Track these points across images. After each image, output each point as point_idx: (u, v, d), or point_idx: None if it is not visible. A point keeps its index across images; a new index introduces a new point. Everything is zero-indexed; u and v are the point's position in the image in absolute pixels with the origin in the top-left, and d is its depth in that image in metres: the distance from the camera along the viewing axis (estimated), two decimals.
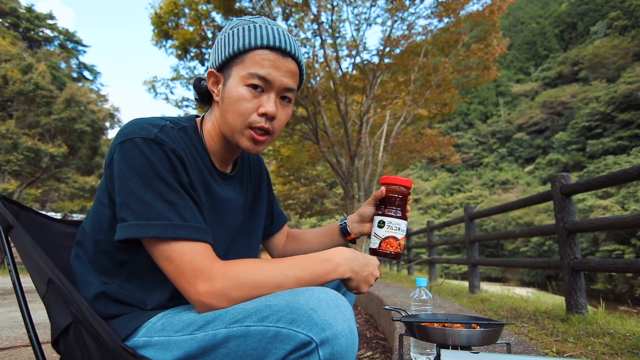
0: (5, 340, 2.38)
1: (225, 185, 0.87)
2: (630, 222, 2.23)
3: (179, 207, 0.69)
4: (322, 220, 43.53)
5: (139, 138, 0.70)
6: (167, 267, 0.68)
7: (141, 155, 0.69)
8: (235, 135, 0.80)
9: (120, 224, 0.69)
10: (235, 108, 0.78)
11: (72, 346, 0.70)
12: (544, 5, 70.78)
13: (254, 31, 0.77)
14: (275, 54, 0.77)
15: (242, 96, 0.77)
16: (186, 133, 0.80)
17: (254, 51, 0.77)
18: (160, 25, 11.25)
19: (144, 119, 0.76)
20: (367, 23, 10.07)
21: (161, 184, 0.69)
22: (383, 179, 0.94)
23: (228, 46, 0.78)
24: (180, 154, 0.73)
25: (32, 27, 23.82)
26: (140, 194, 0.68)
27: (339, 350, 0.58)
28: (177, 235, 0.67)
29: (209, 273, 0.66)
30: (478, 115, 60.95)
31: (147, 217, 0.67)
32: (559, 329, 2.19)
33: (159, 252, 0.68)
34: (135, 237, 0.67)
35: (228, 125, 0.80)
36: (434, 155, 13.89)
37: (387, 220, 0.89)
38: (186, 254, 0.67)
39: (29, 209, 0.95)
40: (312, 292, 0.63)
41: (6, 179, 15.69)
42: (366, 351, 2.20)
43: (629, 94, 36.93)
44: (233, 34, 0.79)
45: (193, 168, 0.77)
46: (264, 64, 0.76)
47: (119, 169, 0.70)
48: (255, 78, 0.76)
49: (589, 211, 24.85)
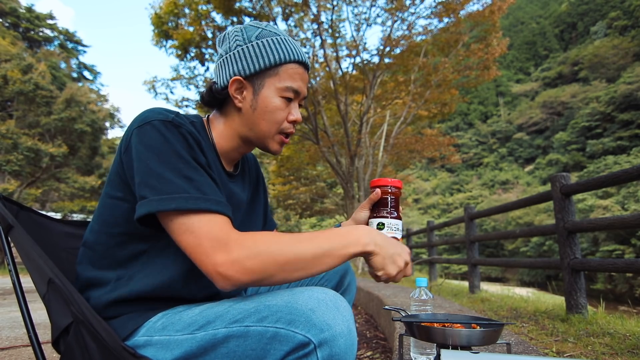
0: (5, 340, 2.38)
1: (230, 181, 0.89)
2: (630, 222, 2.23)
3: (198, 182, 0.70)
4: (322, 220, 43.48)
5: (156, 121, 0.73)
6: (186, 238, 0.67)
7: (160, 135, 0.71)
8: (266, 140, 0.86)
9: (141, 201, 0.68)
10: (271, 117, 0.84)
11: (72, 346, 0.70)
12: (544, 5, 70.77)
13: (284, 45, 0.84)
14: (301, 67, 0.86)
15: (279, 106, 0.84)
16: (195, 127, 0.82)
17: (287, 65, 0.84)
18: (160, 25, 11.25)
19: (159, 107, 0.78)
20: (367, 23, 10.07)
21: (180, 161, 0.70)
22: (374, 182, 0.95)
23: (260, 57, 0.82)
24: (197, 137, 0.76)
25: (32, 27, 23.83)
26: (160, 171, 0.69)
27: (338, 351, 0.58)
28: (197, 206, 0.67)
29: (227, 243, 0.65)
30: (478, 115, 60.95)
31: (167, 192, 0.67)
32: (559, 329, 2.19)
33: (178, 225, 0.67)
34: (156, 210, 0.66)
35: (260, 131, 0.85)
36: (434, 155, 13.89)
37: (386, 221, 0.90)
38: (204, 225, 0.67)
39: (29, 209, 0.95)
40: (311, 292, 0.63)
41: (6, 179, 15.69)
42: (366, 351, 2.20)
43: (629, 94, 36.92)
44: (264, 45, 0.83)
45: (208, 155, 0.80)
46: (295, 78, 0.85)
47: (137, 150, 0.71)
48: (291, 91, 0.84)
49: (589, 211, 24.85)
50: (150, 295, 0.76)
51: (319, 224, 46.18)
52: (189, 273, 0.77)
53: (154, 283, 0.76)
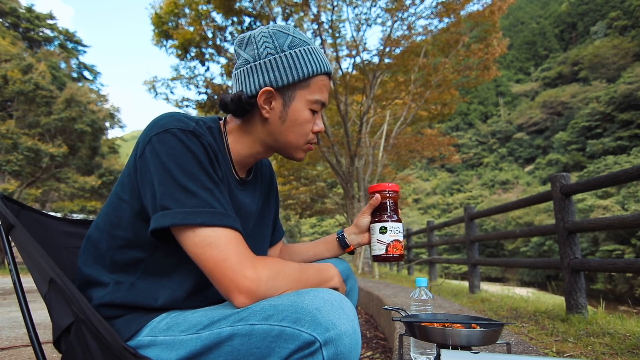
0: (5, 340, 2.38)
1: (240, 189, 0.88)
2: (630, 222, 2.23)
3: (219, 196, 0.70)
4: (322, 220, 43.49)
5: (177, 129, 0.71)
6: (210, 252, 0.66)
7: (182, 145, 0.70)
8: (293, 150, 0.87)
9: (163, 212, 0.67)
10: (300, 129, 0.84)
11: (73, 346, 0.70)
12: (544, 5, 70.77)
13: (315, 56, 0.83)
14: (327, 78, 0.86)
15: (308, 119, 0.84)
16: (212, 133, 0.81)
17: (317, 77, 0.83)
18: (160, 25, 11.25)
19: (177, 113, 0.77)
20: (367, 23, 10.08)
21: (202, 173, 0.70)
22: (372, 188, 0.98)
23: (295, 69, 0.81)
24: (215, 149, 0.76)
25: (32, 27, 23.81)
26: (184, 182, 0.68)
27: (343, 350, 0.59)
28: (223, 222, 0.68)
29: (253, 262, 0.68)
30: (478, 115, 60.97)
31: (192, 205, 0.67)
32: (559, 329, 2.19)
33: (201, 239, 0.67)
34: (182, 223, 0.66)
35: (287, 142, 0.85)
36: (434, 155, 13.90)
37: (388, 225, 0.92)
38: (232, 241, 0.68)
39: (30, 208, 0.94)
40: (317, 292, 0.64)
41: (6, 179, 15.68)
42: (366, 351, 2.20)
43: (629, 94, 36.93)
44: (297, 56, 0.81)
45: (222, 167, 0.80)
46: (323, 90, 0.85)
47: (158, 159, 0.70)
48: (319, 104, 0.85)
49: (589, 211, 24.86)
50: (152, 306, 0.76)
51: (318, 224, 46.21)
52: (192, 288, 0.77)
53: (155, 296, 0.76)
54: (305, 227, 45.63)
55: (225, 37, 10.99)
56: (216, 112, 12.04)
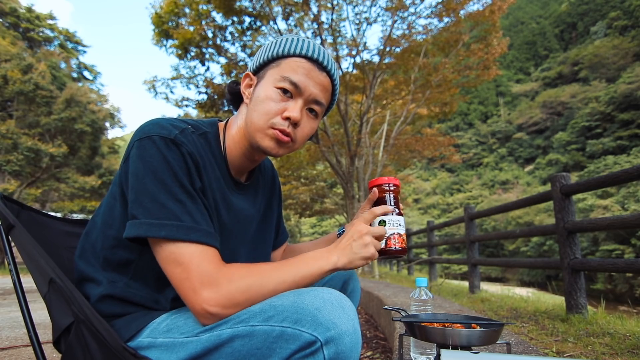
0: (5, 340, 2.38)
1: (238, 194, 0.87)
2: (630, 222, 2.23)
3: (191, 209, 0.69)
4: (322, 220, 43.48)
5: (157, 136, 0.70)
6: (173, 269, 0.66)
7: (158, 153, 0.69)
8: (257, 134, 0.79)
9: (132, 221, 0.68)
10: (261, 107, 0.78)
11: (73, 346, 0.70)
12: (544, 5, 70.73)
13: (295, 41, 0.80)
14: (311, 64, 0.79)
15: (270, 96, 0.78)
16: (206, 139, 0.80)
17: (291, 57, 0.79)
18: (160, 24, 11.24)
19: (167, 119, 0.76)
20: (367, 22, 10.07)
21: (175, 184, 0.68)
22: (372, 182, 0.96)
23: (267, 51, 0.81)
24: (196, 158, 0.73)
25: (32, 27, 23.79)
26: (154, 192, 0.67)
27: (344, 349, 0.59)
28: (188, 237, 0.66)
29: (216, 279, 0.65)
30: (478, 115, 60.95)
31: (159, 217, 0.66)
32: (559, 329, 2.19)
33: (166, 254, 0.66)
34: (145, 235, 0.66)
35: (252, 124, 0.79)
36: (434, 155, 13.89)
37: (387, 218, 0.90)
38: (195, 257, 0.66)
39: (30, 208, 0.94)
40: (317, 292, 0.64)
41: (6, 179, 15.68)
42: (366, 351, 2.20)
43: (628, 94, 36.92)
44: (276, 42, 0.82)
45: (209, 174, 0.77)
46: (298, 71, 0.78)
47: (135, 165, 0.69)
48: (287, 82, 0.77)
49: (589, 211, 24.86)
50: (150, 305, 0.77)
51: (318, 224, 46.21)
52: None
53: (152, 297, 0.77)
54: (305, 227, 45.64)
55: (225, 37, 10.99)
56: (216, 112, 12.04)
